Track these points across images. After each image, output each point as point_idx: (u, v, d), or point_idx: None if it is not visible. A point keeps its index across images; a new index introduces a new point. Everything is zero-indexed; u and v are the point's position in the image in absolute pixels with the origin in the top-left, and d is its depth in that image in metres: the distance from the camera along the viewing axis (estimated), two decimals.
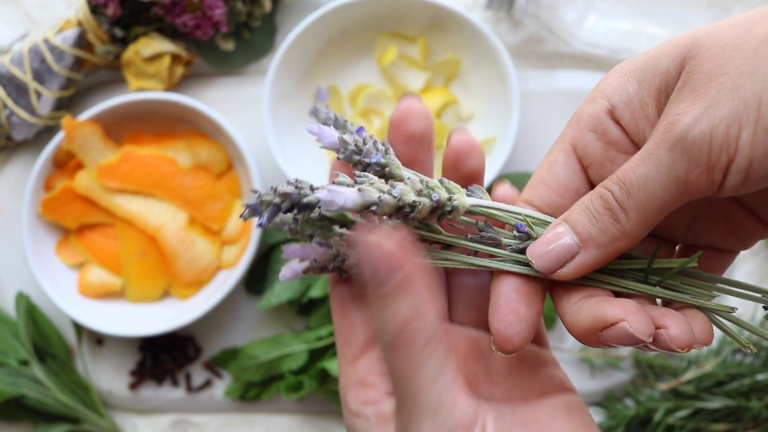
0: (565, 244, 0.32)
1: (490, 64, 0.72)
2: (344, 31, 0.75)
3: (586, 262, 0.32)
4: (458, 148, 0.35)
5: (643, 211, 0.31)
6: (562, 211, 0.35)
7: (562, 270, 0.33)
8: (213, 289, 0.73)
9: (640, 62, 0.33)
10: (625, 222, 0.31)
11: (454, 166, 0.36)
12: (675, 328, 0.31)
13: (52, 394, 0.73)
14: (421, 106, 0.35)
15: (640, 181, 0.30)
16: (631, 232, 0.31)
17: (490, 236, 0.35)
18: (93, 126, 0.72)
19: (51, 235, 0.75)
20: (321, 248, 0.35)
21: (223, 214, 0.74)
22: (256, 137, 0.76)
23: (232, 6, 0.74)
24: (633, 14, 0.76)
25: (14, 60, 0.74)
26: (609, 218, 0.31)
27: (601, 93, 0.34)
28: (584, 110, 0.34)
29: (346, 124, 0.36)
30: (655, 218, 0.31)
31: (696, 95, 0.29)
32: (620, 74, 0.34)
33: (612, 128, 0.34)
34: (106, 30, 0.74)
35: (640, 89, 0.33)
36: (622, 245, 0.32)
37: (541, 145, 0.76)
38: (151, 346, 0.77)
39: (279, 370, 0.73)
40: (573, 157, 0.35)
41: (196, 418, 0.77)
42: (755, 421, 0.70)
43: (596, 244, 0.32)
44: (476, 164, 0.36)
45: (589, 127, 0.34)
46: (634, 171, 0.31)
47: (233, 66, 0.79)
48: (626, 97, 0.33)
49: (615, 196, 0.31)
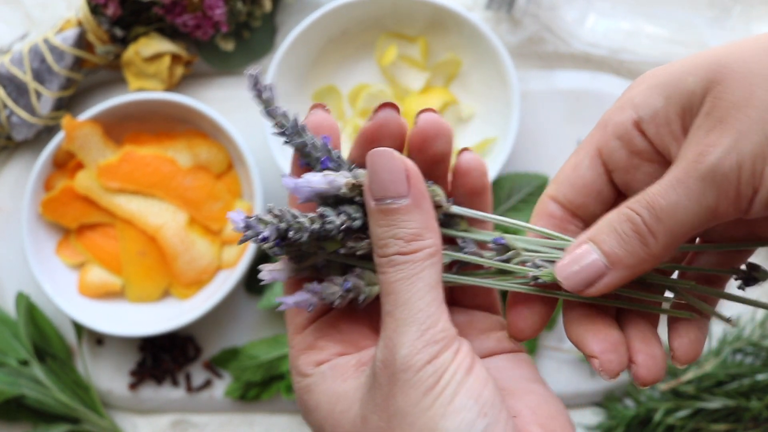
0: (594, 265, 0.33)
1: (490, 64, 0.72)
2: (344, 31, 0.75)
3: (613, 282, 0.34)
4: (425, 129, 0.35)
5: (671, 235, 0.32)
6: (583, 209, 0.36)
7: (590, 289, 0.34)
8: (213, 289, 0.73)
9: (667, 76, 0.34)
10: (653, 246, 0.32)
11: (420, 149, 0.35)
12: (643, 368, 0.35)
13: (52, 394, 0.73)
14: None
15: (670, 208, 0.32)
16: (659, 255, 0.33)
17: (473, 251, 0.36)
18: (93, 126, 0.72)
19: (51, 235, 0.75)
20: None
21: (223, 214, 0.74)
22: (256, 137, 0.76)
23: (232, 6, 0.74)
24: (633, 14, 0.76)
25: (14, 60, 0.74)
26: (637, 242, 0.33)
27: (628, 102, 0.35)
28: (612, 117, 0.36)
29: (304, 131, 0.35)
30: (681, 242, 0.33)
31: (724, 126, 0.31)
32: (648, 86, 0.34)
33: (637, 138, 0.35)
34: (106, 30, 0.74)
35: (666, 105, 0.34)
36: (648, 267, 0.33)
37: (541, 145, 0.76)
38: (151, 346, 0.77)
39: (279, 370, 0.73)
40: (598, 161, 0.36)
41: (196, 418, 0.77)
42: (755, 421, 0.70)
43: (624, 266, 0.33)
44: (443, 148, 0.35)
45: (615, 134, 0.35)
46: (664, 197, 0.32)
47: (233, 66, 0.79)
48: (653, 112, 0.34)
49: (645, 221, 0.32)
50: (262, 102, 0.34)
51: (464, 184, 0.36)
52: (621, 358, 0.34)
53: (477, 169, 0.36)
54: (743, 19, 0.74)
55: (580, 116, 0.77)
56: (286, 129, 0.34)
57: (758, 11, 0.75)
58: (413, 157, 0.35)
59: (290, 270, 0.35)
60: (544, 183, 0.75)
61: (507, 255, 0.36)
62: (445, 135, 0.35)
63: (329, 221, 0.33)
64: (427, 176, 0.35)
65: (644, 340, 0.35)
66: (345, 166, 0.35)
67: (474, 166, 0.36)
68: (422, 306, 0.32)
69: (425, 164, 0.35)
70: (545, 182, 0.75)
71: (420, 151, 0.35)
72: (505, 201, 0.74)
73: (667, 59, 0.74)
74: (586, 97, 0.77)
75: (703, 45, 0.75)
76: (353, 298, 0.35)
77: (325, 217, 0.33)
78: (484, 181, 0.36)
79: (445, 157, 0.36)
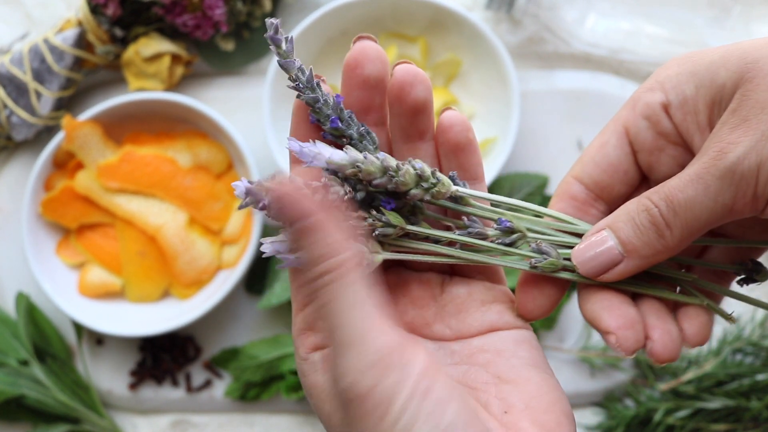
0: (610, 252, 0.34)
1: (490, 64, 0.73)
2: (344, 31, 0.75)
3: (627, 270, 0.34)
4: (402, 78, 0.34)
5: (687, 229, 0.33)
6: (608, 190, 0.37)
7: (605, 275, 0.35)
8: (213, 289, 0.73)
9: (700, 66, 0.34)
10: (669, 238, 0.33)
11: (399, 98, 0.34)
12: (659, 344, 0.34)
13: (52, 394, 0.73)
14: (376, 47, 0.34)
15: (687, 203, 0.32)
16: (673, 247, 0.33)
17: (477, 231, 0.35)
18: (93, 126, 0.72)
19: (51, 235, 0.75)
20: None
21: (223, 214, 0.74)
22: (256, 137, 0.76)
23: (232, 6, 0.74)
24: (633, 14, 0.76)
25: (14, 60, 0.74)
26: (654, 233, 0.33)
27: (659, 84, 0.35)
28: (641, 97, 0.36)
29: (318, 87, 0.34)
30: (696, 236, 0.33)
31: (748, 126, 0.31)
32: (680, 71, 0.35)
33: (665, 120, 0.35)
34: (106, 30, 0.74)
35: (696, 95, 0.34)
36: (663, 258, 0.34)
37: (542, 145, 0.76)
38: (151, 346, 0.77)
39: (279, 370, 0.73)
40: (625, 140, 0.36)
41: (196, 418, 0.77)
42: (755, 421, 0.70)
43: (639, 256, 0.34)
44: (422, 95, 0.34)
45: (643, 114, 0.36)
46: (682, 191, 0.32)
47: (233, 66, 0.79)
48: (682, 99, 0.34)
49: (662, 213, 0.33)
50: (280, 53, 0.34)
51: (448, 140, 0.35)
52: (638, 335, 0.34)
53: (459, 124, 0.35)
54: (743, 19, 0.74)
55: (580, 116, 0.77)
56: (299, 82, 0.34)
57: (758, 11, 0.75)
58: (394, 109, 0.35)
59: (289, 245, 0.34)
60: (544, 183, 0.75)
61: (512, 238, 0.36)
62: (422, 82, 0.34)
63: (333, 191, 0.33)
64: (411, 130, 0.35)
65: (660, 317, 0.35)
66: (355, 127, 0.34)
67: (456, 122, 0.35)
68: (355, 327, 0.29)
69: (407, 117, 0.35)
70: (545, 182, 0.75)
71: (399, 102, 0.35)
72: None
73: (666, 59, 0.74)
74: (586, 97, 0.77)
75: (702, 45, 0.75)
76: None
77: (329, 187, 0.33)
78: (468, 135, 0.35)
79: (426, 107, 0.35)
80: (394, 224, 0.34)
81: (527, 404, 0.33)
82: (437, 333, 0.36)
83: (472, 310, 0.36)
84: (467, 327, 0.36)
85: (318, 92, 0.34)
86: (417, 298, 0.37)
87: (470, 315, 0.36)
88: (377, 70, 0.34)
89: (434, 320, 0.36)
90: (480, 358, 0.35)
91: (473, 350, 0.35)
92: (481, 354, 0.35)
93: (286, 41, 0.34)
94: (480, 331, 0.36)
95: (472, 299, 0.37)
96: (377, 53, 0.34)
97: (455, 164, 0.36)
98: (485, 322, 0.36)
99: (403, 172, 0.33)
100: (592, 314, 0.35)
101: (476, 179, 0.36)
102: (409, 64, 0.34)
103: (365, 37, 0.34)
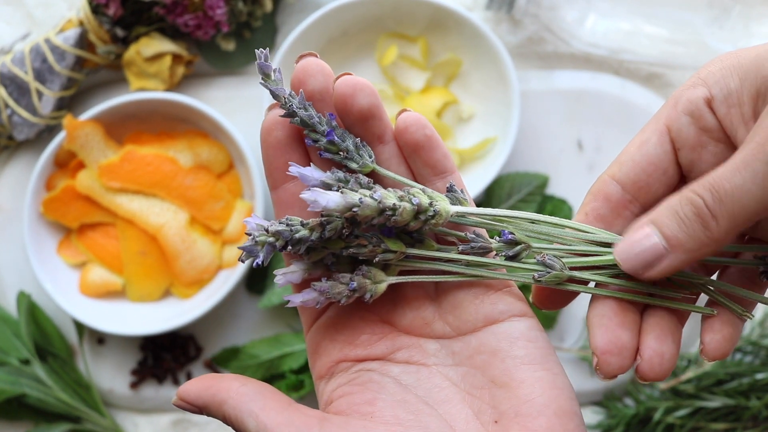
0: (654, 247, 0.33)
1: (490, 64, 0.73)
2: (345, 31, 0.75)
3: (672, 265, 0.33)
4: (342, 91, 0.34)
5: (733, 219, 0.31)
6: (646, 190, 0.36)
7: (649, 272, 0.33)
8: (214, 288, 0.73)
9: (745, 59, 0.33)
10: (714, 229, 0.32)
11: (344, 110, 0.35)
12: (646, 365, 0.34)
13: (54, 393, 0.73)
14: (318, 62, 0.34)
15: (734, 191, 0.31)
16: (720, 239, 0.32)
17: (480, 246, 0.35)
18: (94, 126, 0.72)
19: (52, 234, 0.75)
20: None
21: (224, 213, 0.74)
22: (256, 137, 0.75)
23: (233, 6, 0.74)
24: (633, 14, 0.76)
25: (16, 60, 0.74)
26: (699, 225, 0.32)
27: (702, 80, 0.35)
28: (683, 94, 0.35)
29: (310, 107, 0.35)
30: (743, 227, 0.32)
31: None
32: (723, 66, 0.34)
33: (708, 116, 0.34)
34: (107, 30, 0.74)
35: (740, 87, 0.33)
36: (709, 251, 0.32)
37: (542, 145, 0.77)
38: (152, 345, 0.77)
39: (279, 369, 0.73)
40: (666, 138, 0.36)
41: (197, 417, 0.77)
42: (755, 420, 0.71)
43: (684, 250, 0.32)
44: (365, 102, 0.34)
45: (686, 110, 0.35)
46: (729, 180, 0.31)
47: (234, 66, 0.79)
48: (726, 92, 0.34)
49: (707, 204, 0.31)
50: (269, 82, 0.35)
51: (406, 141, 0.35)
52: (622, 362, 0.34)
53: (413, 124, 0.35)
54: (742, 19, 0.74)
55: (580, 116, 0.77)
56: (293, 105, 0.34)
57: (758, 11, 0.75)
58: (344, 120, 0.35)
59: (303, 271, 0.35)
60: (544, 183, 0.75)
61: (515, 250, 0.35)
62: (363, 90, 0.34)
63: (330, 228, 0.33)
64: (368, 136, 0.35)
65: (659, 337, 0.34)
66: (350, 139, 0.35)
67: (411, 122, 0.35)
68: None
69: (359, 125, 0.35)
70: (545, 182, 0.75)
71: (346, 113, 0.35)
72: (505, 200, 0.74)
73: (666, 59, 0.75)
74: (585, 97, 0.77)
75: (702, 45, 0.75)
76: (360, 296, 0.35)
77: (325, 225, 0.33)
78: (425, 133, 0.35)
79: (373, 112, 0.35)
80: (393, 250, 0.35)
81: (517, 411, 0.33)
82: (438, 331, 0.36)
83: (466, 304, 0.36)
84: (464, 322, 0.36)
85: (311, 110, 0.34)
86: (413, 299, 0.37)
87: (465, 310, 0.36)
88: (320, 83, 0.35)
89: (433, 319, 0.36)
90: (477, 360, 0.35)
91: (472, 351, 0.35)
92: (478, 355, 0.35)
93: (274, 72, 0.35)
94: (476, 326, 0.36)
95: (464, 293, 0.36)
96: (319, 68, 0.35)
97: (420, 162, 0.36)
98: (480, 315, 0.36)
99: (400, 211, 0.33)
100: (590, 326, 0.35)
101: (445, 172, 0.36)
102: (349, 75, 0.34)
103: (307, 54, 0.35)
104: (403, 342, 0.36)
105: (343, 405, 0.35)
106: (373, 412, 0.34)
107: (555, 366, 0.35)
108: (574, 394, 0.34)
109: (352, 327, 0.37)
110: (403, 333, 0.36)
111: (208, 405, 0.35)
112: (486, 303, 0.36)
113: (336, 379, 0.36)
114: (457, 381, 0.35)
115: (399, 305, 0.37)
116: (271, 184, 0.36)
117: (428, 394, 0.35)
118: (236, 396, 0.34)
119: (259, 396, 0.34)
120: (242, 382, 0.35)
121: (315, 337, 0.37)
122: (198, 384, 0.35)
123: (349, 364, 0.36)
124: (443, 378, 0.35)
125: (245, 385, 0.34)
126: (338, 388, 0.36)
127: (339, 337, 0.37)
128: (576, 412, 0.34)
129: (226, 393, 0.34)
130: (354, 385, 0.35)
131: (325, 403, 0.36)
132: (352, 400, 0.35)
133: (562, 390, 0.34)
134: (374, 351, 0.36)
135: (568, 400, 0.34)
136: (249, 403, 0.34)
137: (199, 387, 0.35)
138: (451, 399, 0.34)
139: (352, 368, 0.36)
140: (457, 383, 0.35)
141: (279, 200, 0.36)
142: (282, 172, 0.36)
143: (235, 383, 0.35)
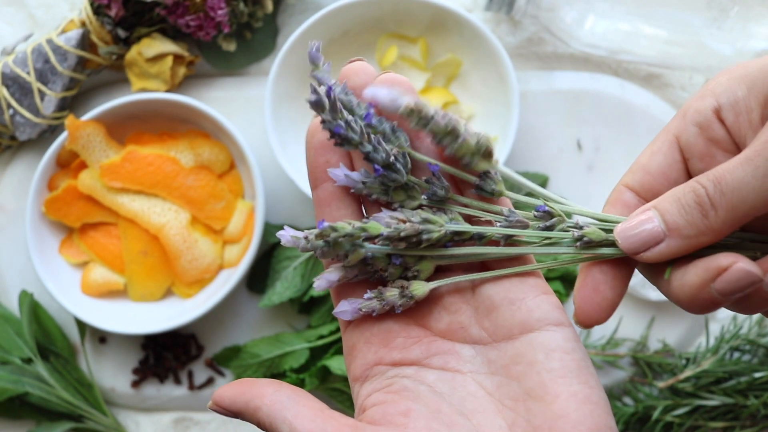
0: (652, 229, 0.34)
1: (490, 65, 0.73)
2: (345, 32, 0.75)
3: (669, 250, 0.34)
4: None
5: (732, 211, 0.32)
6: (658, 196, 0.36)
7: (645, 253, 0.34)
8: (215, 287, 0.74)
9: (753, 68, 0.34)
10: (713, 219, 0.33)
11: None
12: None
13: (56, 392, 0.73)
14: (398, 76, 0.36)
15: (735, 183, 0.32)
16: (717, 230, 0.33)
17: (517, 219, 0.36)
18: (96, 126, 0.73)
19: (54, 234, 0.75)
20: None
21: (225, 213, 0.74)
22: (257, 137, 0.76)
23: (234, 7, 0.75)
24: (632, 15, 0.77)
25: (18, 60, 0.74)
26: (698, 213, 0.33)
27: (710, 91, 0.35)
28: (691, 105, 0.36)
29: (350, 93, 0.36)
30: (742, 220, 0.32)
31: None
32: (731, 77, 0.35)
33: (716, 126, 0.35)
34: (109, 31, 0.74)
35: (748, 94, 0.34)
36: (706, 240, 0.33)
37: (542, 146, 0.77)
38: (154, 344, 0.77)
39: (280, 368, 0.73)
40: (675, 148, 0.36)
41: (199, 415, 0.78)
42: (753, 418, 0.71)
43: (681, 235, 0.33)
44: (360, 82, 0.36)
45: (694, 121, 0.36)
46: (730, 173, 0.32)
47: (235, 66, 0.79)
48: (733, 99, 0.34)
49: (708, 193, 0.32)
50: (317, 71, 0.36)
51: None
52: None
53: None
54: (741, 19, 0.74)
55: (579, 116, 0.77)
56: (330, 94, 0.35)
57: (756, 12, 0.75)
58: None
59: (340, 275, 0.36)
60: (543, 183, 0.75)
61: (551, 221, 0.36)
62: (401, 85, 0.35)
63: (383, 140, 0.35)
64: None
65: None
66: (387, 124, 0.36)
67: None
68: None
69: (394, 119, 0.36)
70: (545, 182, 0.75)
71: None
72: None
73: (665, 59, 0.75)
74: (585, 98, 0.77)
75: (701, 45, 0.76)
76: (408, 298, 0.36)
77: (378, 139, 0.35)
78: None
79: None
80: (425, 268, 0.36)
81: (551, 426, 0.33)
82: (475, 336, 0.36)
83: (502, 310, 0.36)
84: (500, 328, 0.36)
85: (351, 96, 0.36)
86: (449, 304, 0.37)
87: (501, 315, 0.36)
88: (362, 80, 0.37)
89: (470, 323, 0.36)
90: (513, 371, 0.35)
91: (508, 361, 0.35)
92: (515, 366, 0.35)
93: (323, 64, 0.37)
94: (513, 333, 0.35)
95: (501, 298, 0.36)
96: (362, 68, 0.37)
97: None
98: (516, 321, 0.35)
99: (438, 236, 0.35)
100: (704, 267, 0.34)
101: None
102: (389, 73, 0.36)
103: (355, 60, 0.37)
104: (438, 347, 0.36)
105: (377, 414, 0.35)
106: (407, 424, 0.34)
107: (591, 378, 0.34)
108: (609, 408, 0.34)
109: (387, 330, 0.37)
110: (438, 337, 0.37)
111: (242, 411, 0.35)
112: (522, 309, 0.35)
113: (371, 383, 0.36)
114: (491, 390, 0.35)
115: (435, 309, 0.37)
116: (312, 183, 0.37)
117: (462, 402, 0.35)
118: (270, 403, 0.34)
119: (292, 403, 0.34)
120: (276, 388, 0.35)
121: (351, 338, 0.37)
122: (232, 389, 0.36)
123: (385, 368, 0.36)
124: (478, 386, 0.35)
125: (279, 391, 0.35)
126: (373, 394, 0.36)
127: (374, 340, 0.37)
128: (611, 426, 0.33)
129: (260, 399, 0.35)
130: (389, 393, 0.35)
131: (359, 409, 0.36)
132: (386, 410, 0.35)
133: (597, 404, 0.33)
134: (409, 355, 0.36)
135: (603, 416, 0.33)
136: (283, 411, 0.34)
137: (234, 392, 0.35)
138: (485, 409, 0.34)
139: (387, 372, 0.36)
140: (491, 392, 0.35)
141: (318, 199, 0.37)
142: (322, 171, 0.37)
143: (269, 389, 0.35)
